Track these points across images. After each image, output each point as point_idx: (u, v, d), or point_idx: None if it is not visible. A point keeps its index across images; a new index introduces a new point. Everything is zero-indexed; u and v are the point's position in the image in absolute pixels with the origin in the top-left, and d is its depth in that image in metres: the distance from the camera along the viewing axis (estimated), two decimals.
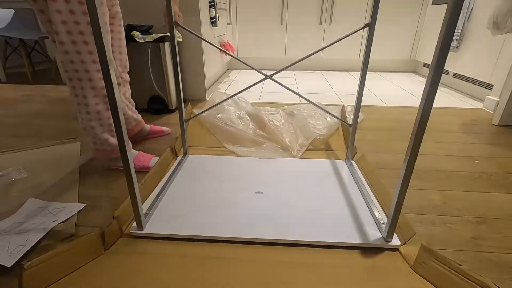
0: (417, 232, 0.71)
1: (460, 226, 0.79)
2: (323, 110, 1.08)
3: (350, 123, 1.04)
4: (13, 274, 0.61)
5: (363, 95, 0.96)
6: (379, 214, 0.78)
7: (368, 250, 0.69)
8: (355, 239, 0.70)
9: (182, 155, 1.11)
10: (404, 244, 0.69)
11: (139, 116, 1.21)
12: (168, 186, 0.90)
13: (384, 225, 0.71)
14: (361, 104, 0.97)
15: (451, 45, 2.15)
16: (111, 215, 0.72)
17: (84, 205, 0.84)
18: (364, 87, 0.98)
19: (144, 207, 0.78)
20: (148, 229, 0.72)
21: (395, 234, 0.70)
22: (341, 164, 1.07)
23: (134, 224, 0.72)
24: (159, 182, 0.92)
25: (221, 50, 1.06)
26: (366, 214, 0.79)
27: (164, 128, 1.34)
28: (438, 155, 1.18)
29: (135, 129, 1.19)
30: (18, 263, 0.63)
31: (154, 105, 1.61)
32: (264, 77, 0.97)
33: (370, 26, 0.86)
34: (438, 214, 0.83)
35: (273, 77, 0.97)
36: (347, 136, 1.27)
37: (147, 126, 1.28)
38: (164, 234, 0.71)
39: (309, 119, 1.36)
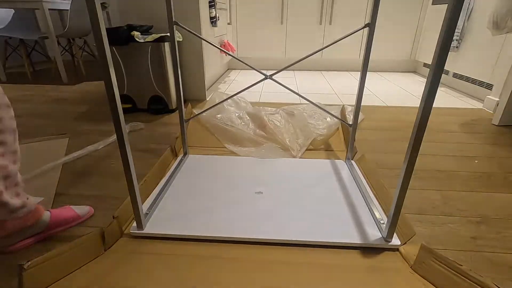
0: (417, 232, 0.71)
1: (460, 226, 0.79)
2: (323, 110, 1.08)
3: (350, 123, 1.04)
4: (10, 274, 0.61)
5: (363, 95, 0.96)
6: (379, 214, 0.78)
7: (368, 250, 0.69)
8: (355, 239, 0.70)
9: (182, 155, 1.11)
10: (404, 244, 0.69)
11: (29, 203, 0.66)
12: (168, 186, 0.90)
13: (384, 225, 0.71)
14: (361, 104, 0.97)
15: (451, 45, 2.15)
16: (111, 215, 0.72)
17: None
18: (364, 87, 0.98)
19: (144, 207, 0.78)
20: (148, 229, 0.72)
21: (395, 234, 0.70)
22: (341, 164, 1.07)
23: (134, 224, 0.72)
24: (159, 182, 0.92)
25: (221, 50, 1.06)
26: (366, 214, 0.79)
27: (79, 212, 0.77)
28: (438, 155, 1.18)
29: (12, 227, 0.65)
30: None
31: (154, 105, 1.61)
32: (264, 77, 0.97)
33: (370, 26, 0.86)
34: (438, 214, 0.83)
35: (273, 77, 0.97)
36: (347, 136, 1.27)
37: (47, 215, 0.71)
38: (164, 234, 0.71)
39: (309, 119, 1.36)
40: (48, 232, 0.72)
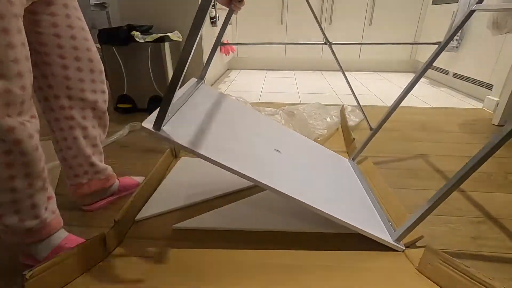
0: (417, 232, 0.70)
1: (460, 226, 0.79)
2: (362, 112, 1.04)
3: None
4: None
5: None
6: (386, 214, 0.78)
7: (374, 251, 0.68)
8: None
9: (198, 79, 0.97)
10: (410, 246, 0.69)
11: (108, 169, 0.84)
12: (183, 103, 0.76)
13: (391, 225, 0.71)
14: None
15: (451, 45, 2.15)
16: (112, 218, 0.71)
17: None
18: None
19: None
20: (164, 133, 0.60)
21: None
22: (346, 164, 1.06)
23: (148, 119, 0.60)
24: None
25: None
26: (372, 214, 0.79)
27: (138, 179, 0.94)
28: (438, 155, 1.18)
29: (96, 185, 0.80)
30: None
31: (154, 105, 1.60)
32: (324, 42, 0.92)
33: (443, 46, 0.89)
34: (438, 214, 0.83)
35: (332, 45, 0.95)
36: (347, 136, 1.27)
37: (116, 183, 0.87)
38: (178, 143, 0.60)
39: (309, 119, 1.36)
40: (117, 196, 0.87)
